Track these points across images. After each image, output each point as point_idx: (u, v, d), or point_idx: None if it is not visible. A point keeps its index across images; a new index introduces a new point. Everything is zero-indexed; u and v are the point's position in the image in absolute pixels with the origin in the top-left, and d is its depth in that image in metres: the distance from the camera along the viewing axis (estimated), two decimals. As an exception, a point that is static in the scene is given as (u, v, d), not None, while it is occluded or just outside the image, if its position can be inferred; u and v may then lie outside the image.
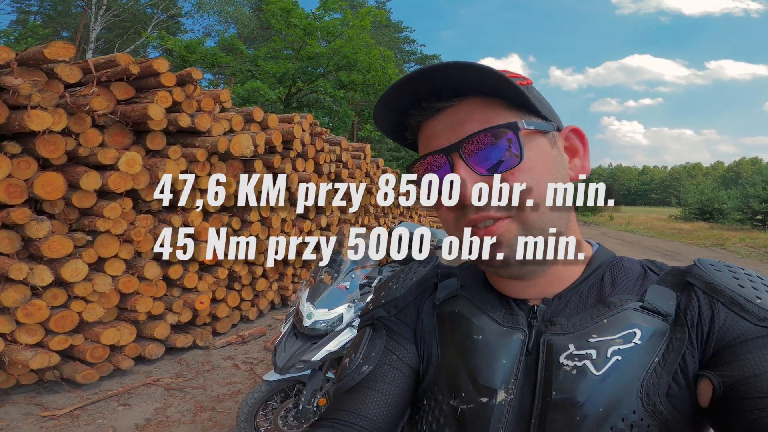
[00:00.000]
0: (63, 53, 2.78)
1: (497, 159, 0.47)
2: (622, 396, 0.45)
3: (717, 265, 0.50)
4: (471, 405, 0.51)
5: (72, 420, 2.77)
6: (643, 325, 0.47)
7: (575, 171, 0.55)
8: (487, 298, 0.57)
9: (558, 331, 0.50)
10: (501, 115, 0.49)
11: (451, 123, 0.49)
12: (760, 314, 0.44)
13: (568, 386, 0.47)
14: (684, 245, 13.86)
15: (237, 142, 3.92)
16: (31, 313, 2.83)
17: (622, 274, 0.53)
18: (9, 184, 2.70)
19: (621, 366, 0.46)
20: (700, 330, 0.46)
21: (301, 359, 2.34)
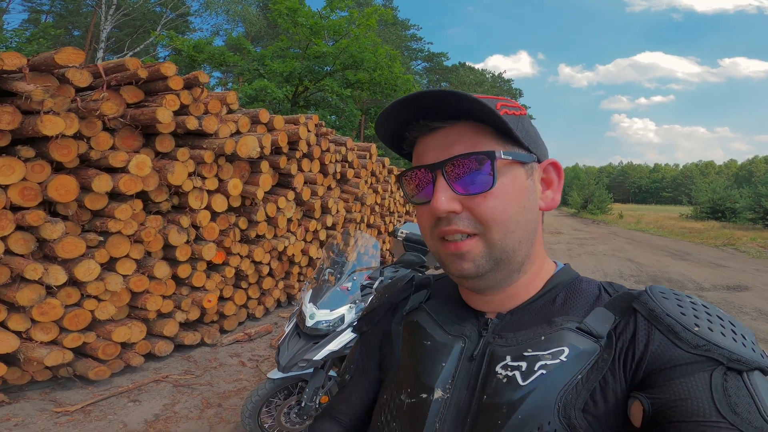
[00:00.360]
0: (73, 59, 2.85)
1: (473, 182, 0.52)
2: (541, 407, 0.49)
3: (666, 293, 0.52)
4: (414, 399, 0.58)
5: (84, 416, 2.84)
6: (573, 344, 0.51)
7: (546, 202, 0.59)
8: (444, 310, 0.64)
9: (502, 344, 0.55)
10: (486, 143, 0.53)
11: (442, 143, 0.54)
12: (693, 342, 0.46)
13: (497, 392, 0.52)
14: (694, 245, 13.69)
15: (244, 143, 3.98)
16: (46, 312, 2.90)
17: (576, 296, 0.57)
18: (24, 187, 2.78)
19: (544, 379, 0.50)
20: (631, 354, 0.49)
21: (303, 358, 2.39)
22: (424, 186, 0.56)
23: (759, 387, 0.44)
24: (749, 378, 0.44)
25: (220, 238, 4.13)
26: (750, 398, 0.42)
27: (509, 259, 0.55)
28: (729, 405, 0.42)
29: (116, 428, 2.72)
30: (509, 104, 0.55)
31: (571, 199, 35.12)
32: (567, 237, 15.01)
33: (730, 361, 0.45)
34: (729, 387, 0.43)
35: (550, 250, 11.49)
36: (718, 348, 0.45)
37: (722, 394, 0.43)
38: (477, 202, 0.52)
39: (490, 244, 0.53)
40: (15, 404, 2.91)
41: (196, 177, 3.79)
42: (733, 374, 0.44)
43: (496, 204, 0.52)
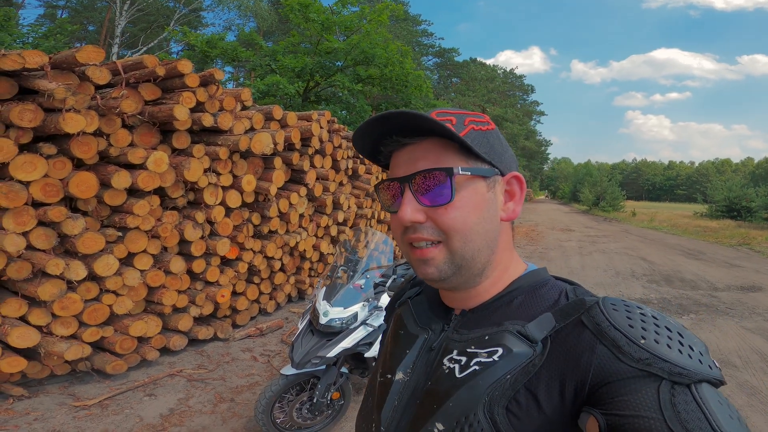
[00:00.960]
0: (94, 57, 2.90)
1: (435, 194, 0.57)
2: (470, 399, 0.54)
3: (617, 305, 0.53)
4: (382, 379, 0.68)
5: (102, 410, 2.89)
6: (507, 346, 0.55)
7: (507, 213, 0.63)
8: (424, 305, 0.72)
9: (456, 339, 0.61)
10: (448, 158, 0.58)
11: (411, 157, 0.59)
12: (636, 355, 0.47)
13: (438, 381, 0.58)
14: (708, 244, 13.46)
15: (258, 140, 4.01)
16: (67, 306, 2.96)
17: (533, 301, 0.61)
18: (45, 184, 2.83)
19: (476, 375, 0.55)
20: (572, 366, 0.50)
21: (317, 355, 2.43)
22: (395, 197, 0.61)
23: (708, 400, 0.43)
24: (697, 391, 0.44)
25: (233, 233, 4.18)
26: (701, 413, 0.42)
27: (469, 265, 0.59)
28: (680, 422, 0.42)
29: (133, 422, 2.77)
30: (477, 119, 0.61)
31: (583, 196, 34.68)
32: (578, 234, 14.87)
33: (671, 374, 0.45)
34: (677, 402, 0.43)
35: (561, 247, 11.40)
36: (662, 361, 0.46)
37: (672, 411, 0.43)
38: (439, 213, 0.57)
39: (451, 252, 0.58)
40: (34, 398, 2.97)
41: (211, 173, 3.83)
42: (681, 388, 0.44)
43: (456, 215, 0.57)
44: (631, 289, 6.88)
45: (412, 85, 12.82)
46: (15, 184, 2.68)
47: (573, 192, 43.85)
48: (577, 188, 41.07)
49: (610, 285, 7.11)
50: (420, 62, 29.15)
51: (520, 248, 11.11)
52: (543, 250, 10.86)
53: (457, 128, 0.58)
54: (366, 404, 0.71)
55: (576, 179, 46.25)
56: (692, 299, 6.32)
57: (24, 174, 2.71)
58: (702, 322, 5.25)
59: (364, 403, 0.72)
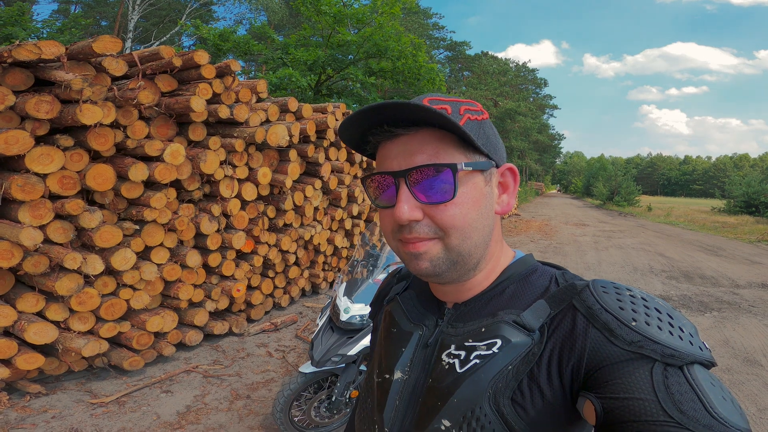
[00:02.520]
0: (111, 47, 2.85)
1: (435, 191, 0.54)
2: (474, 392, 0.53)
3: (606, 287, 0.52)
4: (380, 379, 0.66)
5: (119, 407, 2.87)
6: (505, 337, 0.54)
7: (501, 206, 0.61)
8: (414, 301, 0.70)
9: (451, 333, 0.60)
10: (448, 151, 0.54)
11: (405, 150, 0.55)
12: (629, 338, 0.47)
13: (439, 377, 0.57)
14: (727, 240, 13.17)
15: (273, 132, 3.96)
16: (84, 301, 2.93)
17: (525, 289, 0.60)
18: (63, 176, 2.80)
19: (478, 368, 0.54)
20: (568, 351, 0.50)
21: (337, 353, 2.37)
22: (386, 191, 0.57)
23: (701, 381, 0.43)
24: (690, 373, 0.44)
25: (249, 226, 4.14)
26: (694, 394, 0.42)
27: (465, 260, 0.57)
28: (674, 403, 0.42)
29: (150, 420, 2.75)
30: (472, 108, 0.57)
31: (596, 191, 34.24)
32: (593, 229, 14.64)
33: (663, 356, 0.45)
34: (671, 384, 0.43)
35: (576, 242, 11.23)
36: (653, 343, 0.46)
37: (665, 393, 0.43)
38: (438, 210, 0.54)
39: (448, 248, 0.56)
40: (52, 395, 2.95)
41: (227, 165, 3.79)
42: (674, 370, 0.44)
43: (456, 212, 0.54)
44: (651, 285, 6.74)
45: (424, 78, 12.66)
46: (32, 176, 2.65)
47: (586, 186, 43.31)
48: (590, 182, 40.53)
49: (629, 281, 6.97)
50: (432, 55, 28.88)
51: (534, 243, 10.98)
52: (558, 245, 10.71)
53: (453, 118, 0.53)
54: (365, 406, 0.70)
55: (589, 173, 45.69)
56: (714, 296, 6.16)
57: (41, 166, 2.68)
58: (725, 320, 5.12)
59: (362, 405, 0.71)
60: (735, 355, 4.04)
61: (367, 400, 0.70)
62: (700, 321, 5.06)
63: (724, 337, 4.51)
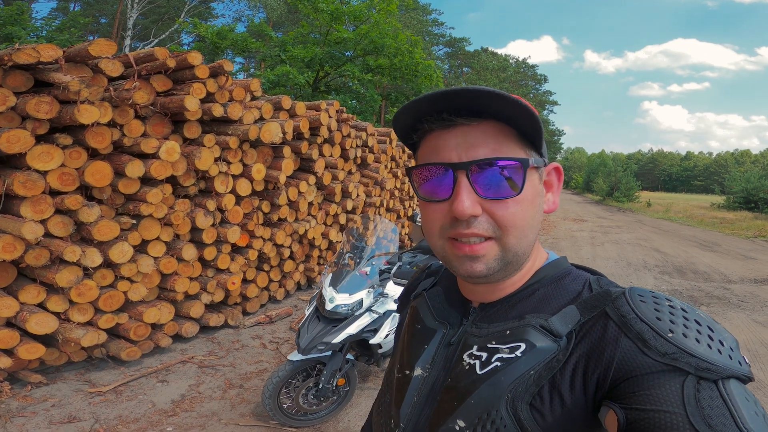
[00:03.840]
0: (106, 50, 2.96)
1: (499, 187, 0.52)
2: (491, 395, 0.52)
3: (644, 296, 0.51)
4: (400, 375, 0.66)
5: (116, 396, 2.95)
6: (530, 341, 0.53)
7: (548, 205, 0.60)
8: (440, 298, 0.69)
9: (475, 333, 0.59)
10: (511, 146, 0.53)
11: (465, 141, 0.52)
12: (662, 349, 0.45)
13: (458, 377, 0.57)
14: (724, 236, 13.21)
15: (267, 129, 4.06)
16: (83, 293, 3.04)
17: (555, 293, 0.58)
18: (62, 173, 2.91)
19: (498, 371, 0.53)
20: (595, 359, 0.49)
21: (323, 341, 2.46)
22: (441, 184, 0.54)
23: (735, 397, 0.42)
24: (724, 387, 0.42)
25: (244, 221, 4.25)
26: (726, 409, 0.41)
27: (518, 260, 0.56)
28: (702, 417, 0.40)
29: (146, 408, 2.84)
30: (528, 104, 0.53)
31: (596, 186, 34.19)
32: (591, 225, 14.70)
33: (698, 369, 0.43)
34: (702, 398, 0.42)
35: (572, 237, 11.31)
36: (689, 356, 0.44)
37: (695, 406, 0.41)
38: (499, 206, 0.52)
39: (505, 248, 0.54)
40: (52, 385, 3.03)
41: (221, 162, 3.89)
42: (707, 384, 0.43)
43: (517, 210, 0.53)
44: (643, 280, 6.82)
45: (422, 74, 12.72)
46: (33, 173, 2.76)
47: (586, 182, 43.23)
48: (590, 178, 40.44)
49: (621, 276, 7.05)
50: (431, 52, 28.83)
51: (530, 239, 11.02)
52: (553, 240, 10.79)
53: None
54: (383, 400, 0.69)
55: (590, 169, 45.55)
56: (704, 291, 6.24)
57: (41, 163, 2.79)
58: (713, 314, 5.19)
59: (381, 399, 0.70)
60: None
61: (386, 394, 0.69)
62: (687, 314, 5.15)
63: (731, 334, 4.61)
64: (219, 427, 2.69)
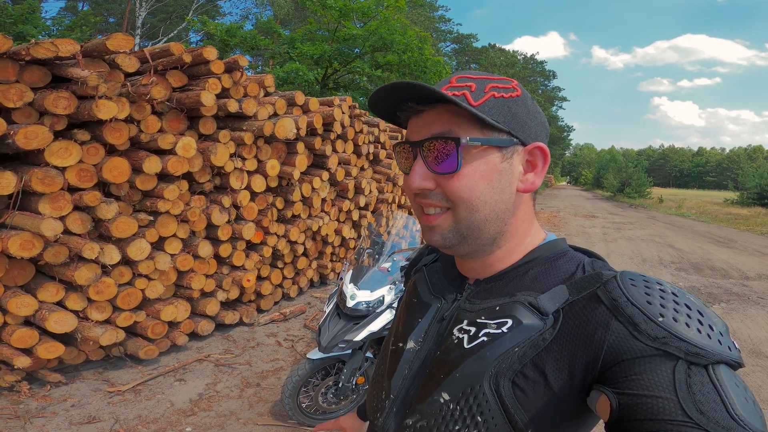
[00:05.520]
0: (124, 44, 2.93)
1: (442, 163, 0.56)
2: (476, 370, 0.54)
3: (635, 280, 0.51)
4: (394, 347, 0.68)
5: (135, 395, 2.95)
6: (517, 317, 0.54)
7: (525, 184, 0.60)
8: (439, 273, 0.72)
9: (467, 308, 0.61)
10: (462, 126, 0.56)
11: (424, 123, 0.58)
12: (653, 333, 0.45)
13: (447, 351, 0.58)
14: (739, 232, 13.02)
15: (281, 125, 4.03)
16: (102, 291, 3.02)
17: (549, 272, 0.59)
18: (80, 169, 2.89)
19: (484, 346, 0.54)
20: (584, 341, 0.49)
21: (344, 339, 2.42)
22: (408, 159, 0.61)
23: (726, 382, 0.42)
24: (714, 372, 0.43)
25: (258, 217, 4.23)
26: (716, 395, 0.41)
27: (476, 235, 0.58)
28: (694, 403, 0.41)
29: (165, 407, 2.83)
30: (501, 86, 0.58)
31: (607, 182, 33.89)
32: (602, 221, 14.55)
33: (688, 354, 0.43)
34: (693, 383, 0.42)
35: (585, 234, 11.18)
36: (679, 340, 0.44)
37: (686, 392, 0.41)
38: (445, 180, 0.57)
39: (457, 220, 0.58)
40: (71, 384, 3.02)
41: (236, 158, 3.87)
42: (698, 369, 0.43)
43: (461, 184, 0.56)
44: (659, 277, 6.69)
45: (431, 71, 12.63)
46: (51, 169, 2.74)
47: (596, 178, 42.86)
48: (600, 174, 40.11)
49: (637, 272, 6.95)
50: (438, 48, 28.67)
51: (542, 236, 10.93)
52: (565, 236, 10.60)
53: (475, 95, 0.56)
54: (378, 371, 0.72)
55: (599, 165, 45.19)
56: (723, 288, 6.15)
57: (59, 160, 2.77)
58: (733, 311, 5.11)
59: (377, 370, 0.73)
60: (741, 346, 4.06)
61: (381, 366, 0.71)
62: (708, 311, 5.06)
63: (732, 329, 4.52)
64: (238, 426, 2.67)
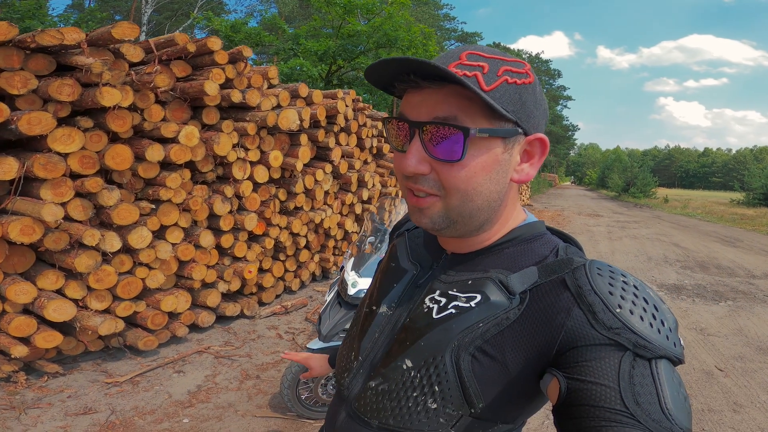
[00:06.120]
0: (129, 33, 2.93)
1: (444, 149, 0.53)
2: (440, 341, 0.55)
3: (602, 270, 0.51)
4: (368, 309, 0.69)
5: (133, 386, 2.92)
6: (485, 294, 0.54)
7: (520, 175, 0.59)
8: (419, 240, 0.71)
9: (442, 279, 0.61)
10: (469, 113, 0.52)
11: (427, 102, 0.54)
12: (608, 323, 0.46)
13: (416, 318, 0.59)
14: (745, 231, 12.90)
15: (284, 116, 4.02)
16: (101, 279, 3.00)
17: (524, 254, 0.59)
18: (83, 156, 2.89)
19: (452, 318, 0.55)
20: (546, 325, 0.50)
21: (344, 328, 2.39)
22: (402, 137, 0.57)
23: (664, 377, 0.43)
24: (656, 366, 0.44)
25: (260, 208, 4.22)
26: (653, 388, 0.42)
27: (465, 221, 0.57)
28: (633, 394, 0.42)
29: (162, 399, 2.80)
30: (515, 70, 0.54)
31: (611, 182, 33.69)
32: (607, 220, 14.47)
33: (636, 346, 0.45)
34: (635, 375, 0.43)
35: (589, 232, 11.12)
36: (630, 332, 0.45)
37: (628, 382, 0.43)
38: (444, 168, 0.54)
39: (448, 207, 0.56)
40: (69, 375, 2.98)
41: (239, 148, 3.86)
42: (642, 361, 0.44)
43: (461, 174, 0.54)
44: (665, 274, 6.68)
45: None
46: (53, 155, 2.74)
47: (601, 178, 42.66)
48: (605, 174, 39.88)
49: (642, 270, 6.91)
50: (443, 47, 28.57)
51: (546, 233, 10.88)
52: (570, 234, 10.62)
53: (488, 78, 0.51)
54: (350, 333, 0.72)
55: (604, 165, 44.97)
56: (729, 286, 6.09)
57: (62, 146, 2.76)
58: (739, 309, 5.07)
59: (349, 331, 0.73)
60: (748, 344, 4.02)
61: (354, 327, 0.71)
62: (715, 310, 5.02)
63: (738, 326, 4.48)
64: (236, 418, 2.65)
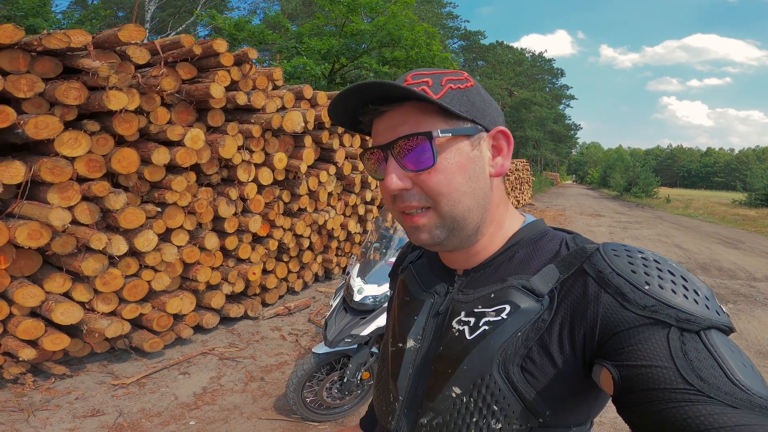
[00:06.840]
0: (135, 35, 2.93)
1: (418, 160, 0.55)
2: (483, 360, 0.53)
3: (617, 250, 0.51)
4: (394, 348, 0.67)
5: (139, 388, 2.94)
6: (514, 302, 0.54)
7: (496, 168, 0.60)
8: (426, 269, 0.71)
9: (461, 300, 0.60)
10: (428, 121, 0.55)
11: (390, 124, 0.56)
12: (642, 302, 0.45)
13: (449, 344, 0.58)
14: (747, 233, 12.87)
15: (289, 118, 4.02)
16: (108, 282, 3.02)
17: (535, 254, 0.59)
18: (89, 159, 2.90)
19: (487, 335, 0.54)
20: (579, 317, 0.49)
21: (350, 333, 2.40)
22: (379, 164, 0.59)
23: (720, 347, 0.42)
24: (707, 338, 0.43)
25: (265, 210, 4.23)
26: (713, 360, 0.41)
27: (461, 226, 0.58)
28: (693, 370, 0.40)
29: (168, 401, 2.82)
30: (455, 77, 0.58)
31: (613, 182, 33.63)
32: (608, 220, 14.45)
33: (679, 321, 0.43)
34: (689, 350, 0.42)
35: (591, 232, 11.10)
36: (668, 307, 0.44)
37: (683, 359, 0.41)
38: (424, 178, 0.55)
39: (441, 215, 0.57)
40: (76, 377, 3.01)
41: (244, 150, 3.87)
42: (691, 335, 0.43)
43: (440, 178, 0.55)
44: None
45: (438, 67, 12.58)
46: (60, 159, 2.75)
47: (603, 177, 42.57)
48: (607, 173, 39.81)
49: (644, 272, 6.89)
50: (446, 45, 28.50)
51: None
52: (571, 236, 10.60)
53: (434, 89, 0.55)
54: (381, 376, 0.71)
55: (606, 164, 44.87)
56: (730, 289, 6.08)
57: (69, 150, 2.78)
58: (740, 312, 5.06)
59: (379, 375, 0.72)
60: (748, 347, 4.02)
61: (383, 369, 0.70)
62: (715, 312, 5.01)
63: (738, 329, 4.47)
64: (241, 420, 2.66)
